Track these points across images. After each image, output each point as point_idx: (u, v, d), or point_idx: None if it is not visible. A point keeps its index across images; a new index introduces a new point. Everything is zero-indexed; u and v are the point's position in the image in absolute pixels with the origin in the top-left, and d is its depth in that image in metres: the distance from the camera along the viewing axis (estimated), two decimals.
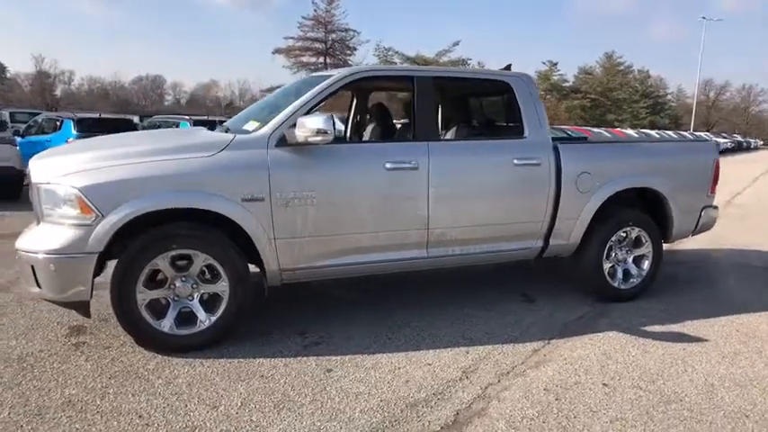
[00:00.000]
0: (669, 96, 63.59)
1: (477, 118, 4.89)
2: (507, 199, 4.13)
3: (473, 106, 4.91)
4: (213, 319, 3.46)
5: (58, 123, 11.12)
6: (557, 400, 2.98)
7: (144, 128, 12.94)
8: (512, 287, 4.90)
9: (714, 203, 5.00)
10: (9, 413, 2.70)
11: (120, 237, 3.23)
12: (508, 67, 4.46)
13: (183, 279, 3.43)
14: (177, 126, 12.72)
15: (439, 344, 3.66)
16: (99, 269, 3.29)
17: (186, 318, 3.45)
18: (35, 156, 3.70)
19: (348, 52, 45.07)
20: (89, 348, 3.45)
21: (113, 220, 3.16)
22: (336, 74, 3.82)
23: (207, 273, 3.48)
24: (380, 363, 3.36)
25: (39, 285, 3.26)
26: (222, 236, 3.43)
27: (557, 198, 4.23)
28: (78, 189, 3.14)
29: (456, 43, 43.30)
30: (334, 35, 44.24)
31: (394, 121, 5.01)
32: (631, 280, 4.68)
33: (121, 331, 3.64)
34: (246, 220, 3.42)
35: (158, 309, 3.41)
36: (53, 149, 3.91)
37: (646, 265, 4.71)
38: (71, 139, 10.40)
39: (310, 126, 3.39)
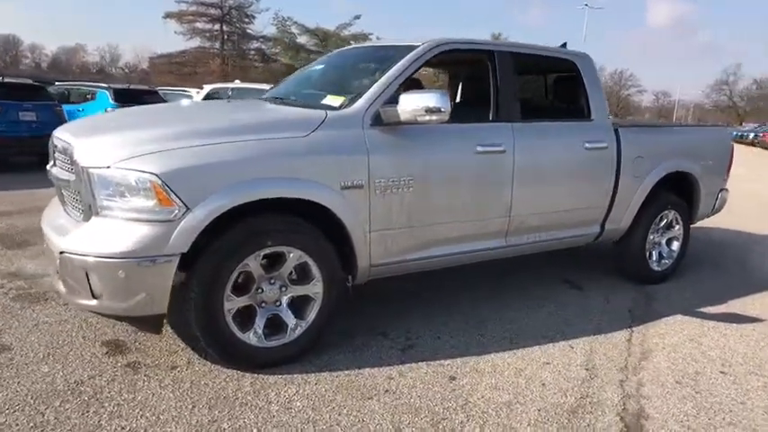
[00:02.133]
0: None
1: (543, 98, 4.68)
2: (578, 183, 3.98)
3: (540, 85, 4.68)
4: (304, 325, 2.97)
5: None
6: (697, 393, 2.91)
7: None
8: (551, 275, 4.79)
9: (726, 186, 5.24)
10: None
11: None
12: (564, 46, 4.27)
13: (271, 281, 2.89)
14: (93, 97, 10.99)
15: (535, 339, 3.45)
16: None
17: (271, 326, 2.93)
18: (67, 128, 2.91)
19: (246, 20, 42.68)
20: (150, 370, 2.81)
21: (201, 214, 2.55)
22: (421, 45, 3.38)
23: (294, 273, 2.97)
24: (497, 365, 3.08)
25: (94, 296, 2.58)
26: (316, 230, 2.93)
27: (616, 182, 4.16)
28: (157, 175, 2.48)
29: (357, 17, 42.77)
30: (231, 1, 41.60)
31: None
32: (663, 261, 4.78)
33: (174, 346, 3.08)
34: (345, 211, 2.94)
35: (240, 318, 2.86)
36: (90, 122, 3.10)
37: (675, 246, 4.84)
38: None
39: (420, 103, 2.97)
